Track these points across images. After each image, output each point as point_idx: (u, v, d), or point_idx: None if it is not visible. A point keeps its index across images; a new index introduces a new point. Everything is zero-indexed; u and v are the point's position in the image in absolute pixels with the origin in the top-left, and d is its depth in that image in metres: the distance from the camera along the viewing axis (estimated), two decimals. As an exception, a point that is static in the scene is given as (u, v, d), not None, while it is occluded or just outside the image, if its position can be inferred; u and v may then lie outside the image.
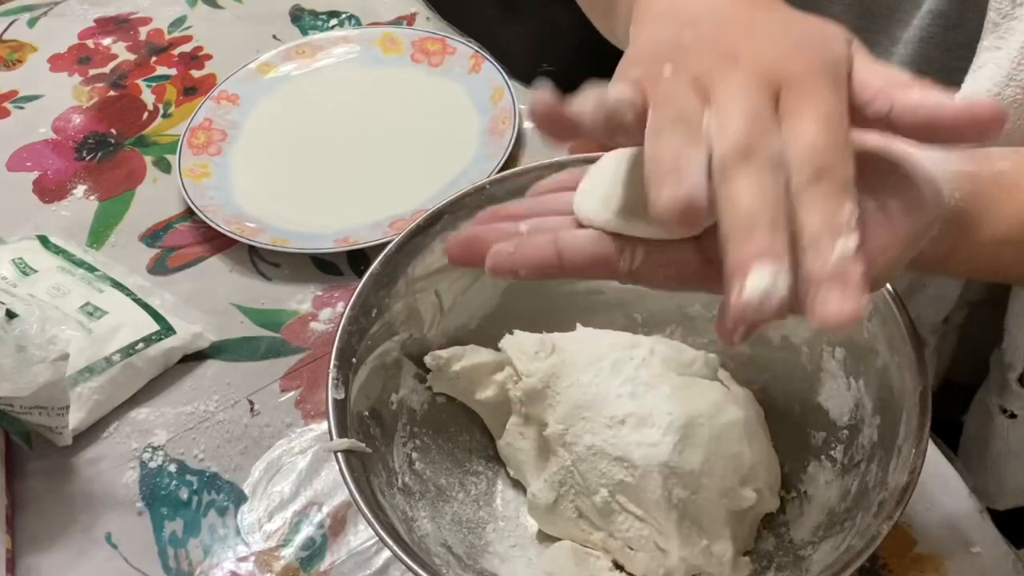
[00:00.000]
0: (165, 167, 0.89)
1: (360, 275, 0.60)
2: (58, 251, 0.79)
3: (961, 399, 0.71)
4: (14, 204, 0.87)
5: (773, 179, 0.36)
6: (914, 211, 0.40)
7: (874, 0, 0.65)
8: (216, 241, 0.82)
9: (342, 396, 0.55)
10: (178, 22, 1.04)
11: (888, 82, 0.39)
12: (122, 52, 1.01)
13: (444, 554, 0.56)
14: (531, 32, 1.21)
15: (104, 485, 0.68)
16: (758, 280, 0.34)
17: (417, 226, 0.61)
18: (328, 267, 0.80)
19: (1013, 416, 0.67)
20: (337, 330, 0.57)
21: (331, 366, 0.55)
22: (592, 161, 0.62)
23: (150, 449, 0.69)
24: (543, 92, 0.38)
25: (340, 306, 0.77)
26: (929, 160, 0.43)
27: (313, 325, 0.76)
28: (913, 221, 0.40)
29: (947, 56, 0.61)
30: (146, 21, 1.05)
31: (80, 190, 0.88)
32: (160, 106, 0.95)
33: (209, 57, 1.00)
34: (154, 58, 1.00)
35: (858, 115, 0.38)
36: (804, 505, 0.58)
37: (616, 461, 0.58)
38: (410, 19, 1.02)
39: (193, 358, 0.74)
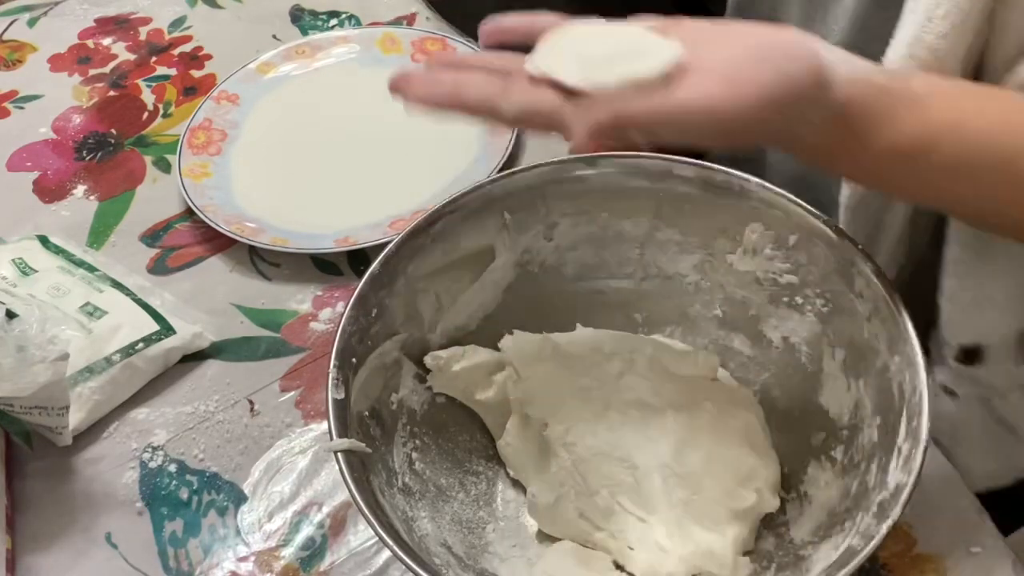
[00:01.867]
0: (165, 167, 0.89)
1: (360, 275, 0.59)
2: (58, 251, 0.79)
3: None
4: (14, 204, 0.87)
5: None
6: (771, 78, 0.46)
7: None
8: (216, 241, 0.82)
9: (342, 396, 0.55)
10: (178, 22, 1.04)
11: None
12: (122, 52, 1.01)
13: (444, 554, 0.56)
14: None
15: (104, 485, 0.68)
16: None
17: (417, 226, 0.61)
18: (328, 267, 0.80)
19: (954, 394, 0.67)
20: (337, 330, 0.57)
21: (331, 366, 0.55)
22: (590, 162, 0.62)
23: (150, 449, 0.69)
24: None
25: (340, 306, 0.77)
26: (829, 56, 0.48)
27: (313, 325, 0.76)
28: (769, 85, 0.46)
29: (881, 15, 0.62)
30: (146, 21, 1.05)
31: (80, 190, 0.88)
32: (160, 106, 0.95)
33: (209, 57, 1.00)
34: (154, 58, 1.00)
35: None
36: (804, 505, 0.58)
37: (616, 462, 0.58)
38: (410, 19, 1.02)
39: (193, 358, 0.74)
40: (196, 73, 0.98)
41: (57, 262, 0.77)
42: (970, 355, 0.64)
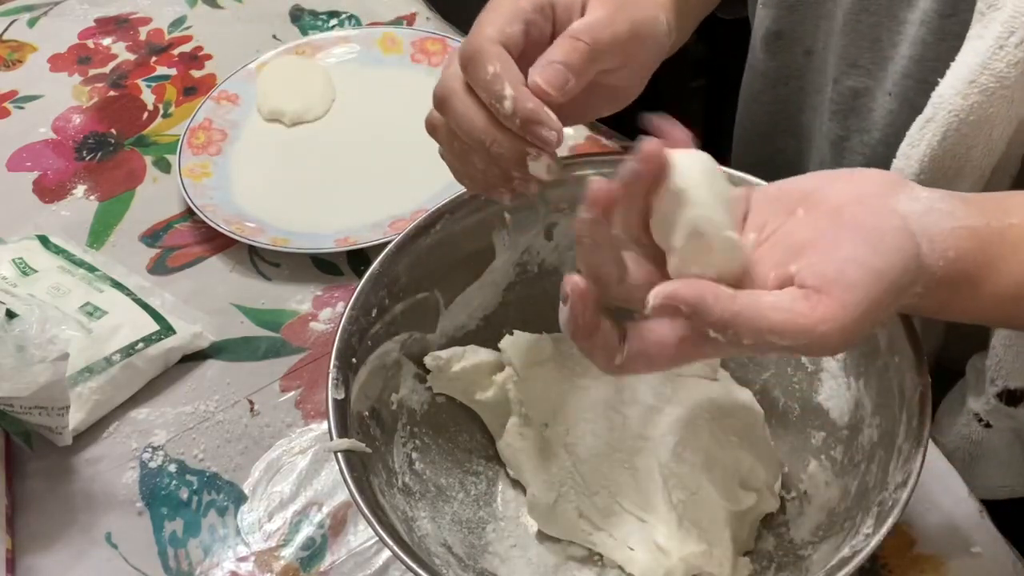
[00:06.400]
0: (165, 167, 0.89)
1: (360, 275, 0.60)
2: (58, 251, 0.79)
3: (948, 383, 0.71)
4: (14, 204, 0.87)
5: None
6: (874, 279, 0.43)
7: None
8: (216, 241, 0.82)
9: (342, 396, 0.55)
10: (178, 22, 1.04)
11: None
12: (122, 52, 1.01)
13: (444, 554, 0.56)
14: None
15: (104, 485, 0.68)
16: (535, 170, 0.52)
17: (417, 226, 0.61)
18: (328, 267, 0.80)
19: (988, 426, 0.66)
20: (337, 330, 0.57)
21: (331, 366, 0.55)
22: (590, 162, 0.62)
23: (150, 449, 0.69)
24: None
25: (340, 306, 0.77)
26: (917, 218, 0.45)
27: (313, 325, 0.76)
28: (875, 288, 0.42)
29: (940, 45, 0.61)
30: (146, 21, 1.05)
31: (80, 190, 0.88)
32: (160, 106, 0.95)
33: (209, 57, 1.00)
34: (154, 58, 1.00)
35: None
36: (804, 505, 0.58)
37: (616, 462, 0.58)
38: (410, 19, 1.02)
39: (193, 358, 0.74)
40: (196, 73, 0.98)
41: (57, 262, 0.77)
42: (1014, 398, 0.64)
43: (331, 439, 0.53)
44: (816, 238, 0.44)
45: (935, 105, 0.57)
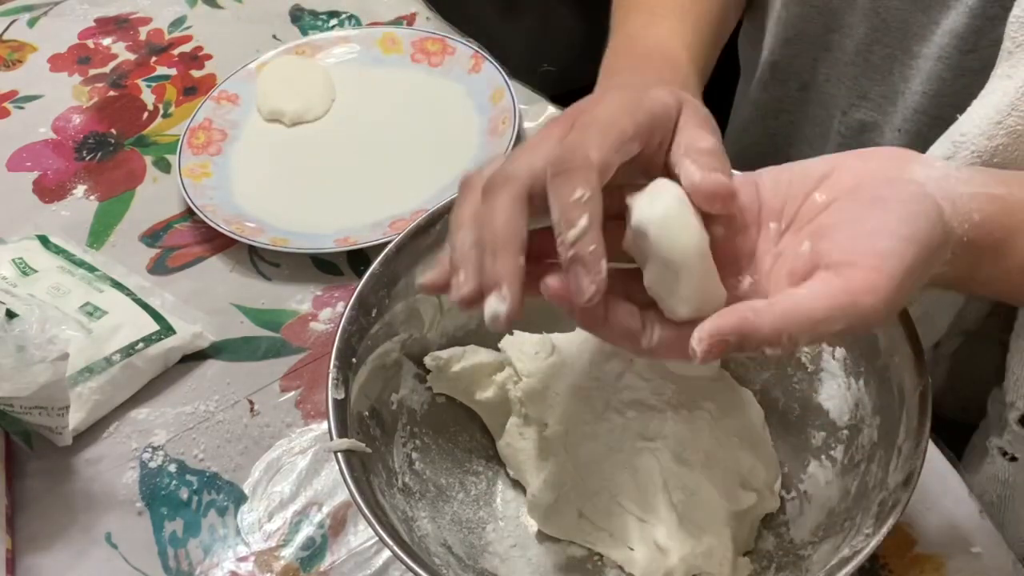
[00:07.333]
0: (165, 167, 0.89)
1: (360, 275, 0.60)
2: (58, 251, 0.79)
3: (950, 435, 0.67)
4: (14, 204, 0.87)
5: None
6: (905, 244, 0.42)
7: (888, 11, 0.64)
8: (216, 241, 0.82)
9: (342, 396, 0.55)
10: (178, 22, 1.04)
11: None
12: (122, 52, 1.01)
13: (444, 554, 0.56)
14: (531, 32, 1.21)
15: (104, 485, 0.68)
16: (488, 306, 0.44)
17: (417, 226, 0.61)
18: (328, 267, 0.80)
19: (1014, 459, 0.64)
20: (337, 330, 0.57)
21: (331, 366, 0.55)
22: None
23: (150, 449, 0.69)
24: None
25: (340, 306, 0.77)
26: (935, 183, 0.44)
27: (313, 325, 0.76)
28: (907, 253, 0.41)
29: (959, 81, 0.60)
30: (146, 21, 1.05)
31: (80, 190, 0.88)
32: (160, 106, 0.95)
33: (209, 57, 1.00)
34: (154, 58, 1.00)
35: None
36: (804, 505, 0.58)
37: (617, 462, 0.58)
38: (410, 19, 1.02)
39: (193, 358, 0.74)
40: (196, 73, 0.98)
41: (57, 262, 0.77)
42: None
43: (331, 439, 0.53)
44: (838, 219, 0.44)
45: (956, 144, 0.55)
